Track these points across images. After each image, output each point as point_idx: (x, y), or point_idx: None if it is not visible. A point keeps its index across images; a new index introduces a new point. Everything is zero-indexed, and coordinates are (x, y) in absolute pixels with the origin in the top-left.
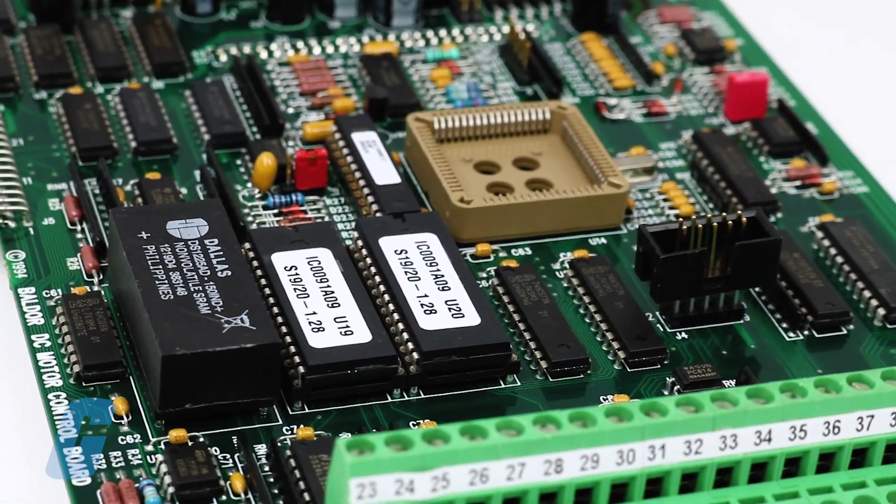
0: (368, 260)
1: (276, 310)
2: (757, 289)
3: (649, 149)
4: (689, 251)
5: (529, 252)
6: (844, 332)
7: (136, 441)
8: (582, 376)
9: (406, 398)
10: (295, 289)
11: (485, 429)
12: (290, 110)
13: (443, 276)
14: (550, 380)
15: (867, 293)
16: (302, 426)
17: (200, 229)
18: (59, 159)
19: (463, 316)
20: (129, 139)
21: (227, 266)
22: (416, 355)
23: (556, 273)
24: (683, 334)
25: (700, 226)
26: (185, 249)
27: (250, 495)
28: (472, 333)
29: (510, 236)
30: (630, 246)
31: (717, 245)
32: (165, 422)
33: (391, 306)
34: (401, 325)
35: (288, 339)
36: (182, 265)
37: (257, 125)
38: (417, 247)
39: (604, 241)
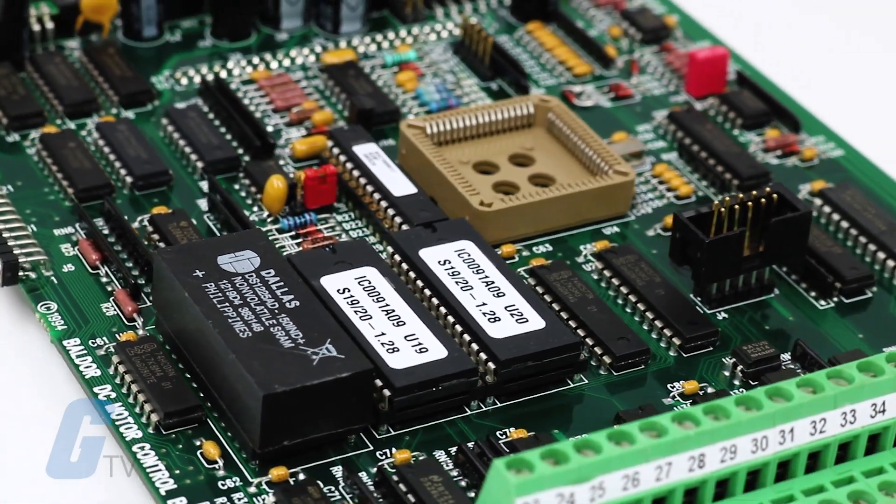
0: (412, 274)
1: None
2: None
3: (620, 131)
4: (731, 233)
5: (550, 248)
6: (869, 295)
7: (238, 484)
8: (643, 367)
9: (483, 408)
10: (356, 311)
11: (630, 433)
12: (269, 129)
13: (493, 282)
14: (614, 374)
15: (881, 254)
16: (394, 449)
17: (252, 261)
18: (56, 202)
19: (527, 320)
20: (121, 174)
21: (292, 296)
22: (492, 365)
23: (583, 267)
24: (723, 314)
25: (736, 206)
26: (245, 283)
27: None
28: (542, 337)
29: (526, 235)
30: (643, 231)
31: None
32: (260, 461)
33: (450, 318)
34: (466, 337)
35: None
36: (248, 300)
37: (245, 147)
38: (458, 255)
39: (616, 229)
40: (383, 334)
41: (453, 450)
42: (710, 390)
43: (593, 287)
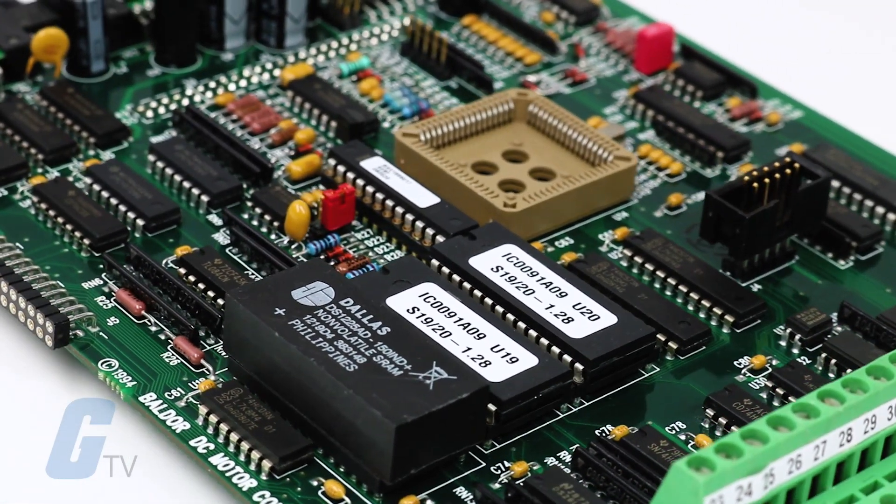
0: (467, 284)
1: None
2: None
3: (592, 116)
4: (767, 206)
5: (572, 241)
6: (880, 249)
7: None
8: (705, 348)
9: (571, 409)
10: (433, 329)
11: (787, 418)
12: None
13: (550, 282)
14: (681, 358)
15: (880, 208)
16: (507, 462)
17: (326, 293)
18: (72, 255)
19: (598, 317)
20: (129, 217)
21: (379, 322)
22: (579, 366)
23: (609, 256)
24: (757, 286)
25: (766, 179)
26: (329, 316)
27: None
28: (619, 332)
29: (545, 232)
30: (650, 213)
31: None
32: (385, 493)
33: (522, 324)
34: (544, 341)
35: None
36: (339, 332)
37: (244, 175)
38: (507, 259)
39: (626, 214)
40: (469, 349)
41: (562, 455)
42: (774, 362)
43: (632, 275)
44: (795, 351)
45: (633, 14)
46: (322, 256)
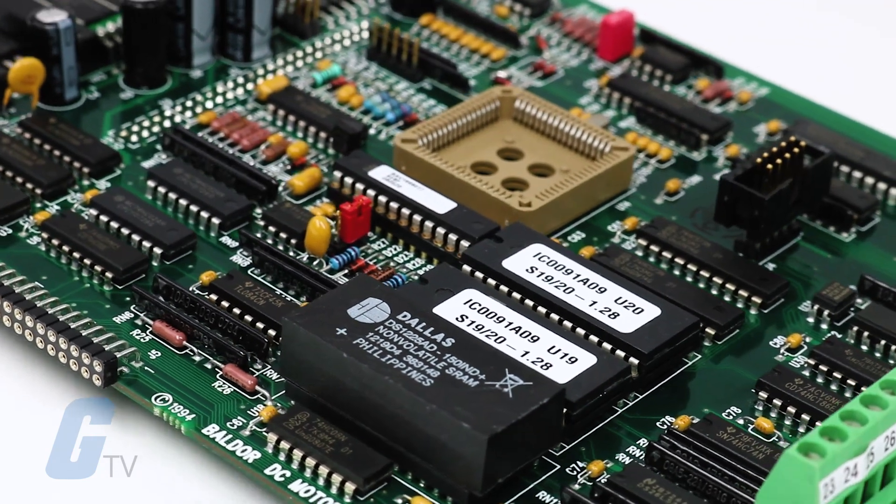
0: (504, 287)
1: None
2: None
3: (571, 108)
4: (783, 186)
5: (584, 235)
6: (878, 220)
7: None
8: (738, 331)
9: (627, 404)
10: (487, 336)
11: (878, 396)
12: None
13: (587, 279)
14: (718, 343)
15: (870, 179)
16: (580, 463)
17: (381, 308)
18: (94, 290)
19: (642, 310)
20: (145, 246)
21: (442, 334)
22: (634, 360)
23: (623, 246)
24: (771, 265)
25: (779, 161)
26: (391, 332)
27: None
28: (666, 323)
29: (556, 228)
30: (651, 201)
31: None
32: None
33: (568, 323)
34: (593, 338)
35: None
36: (406, 348)
37: (249, 194)
38: (539, 259)
39: (628, 203)
40: (527, 353)
41: (631, 450)
42: (808, 339)
43: (654, 264)
44: (824, 326)
45: (583, 2)
46: (346, 271)
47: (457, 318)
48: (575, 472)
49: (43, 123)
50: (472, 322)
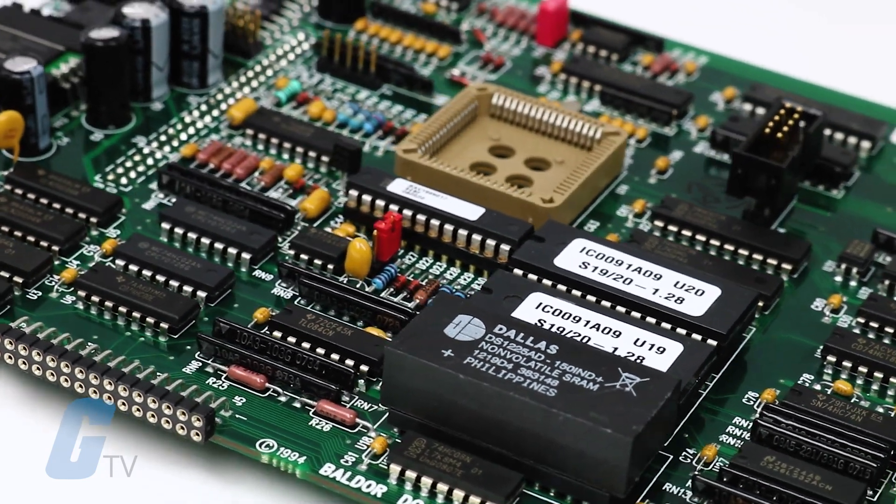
0: (561, 286)
1: None
2: None
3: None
4: (793, 153)
5: (598, 224)
6: (858, 174)
7: None
8: (779, 299)
9: (708, 383)
10: (572, 337)
11: None
12: None
13: (639, 267)
14: (766, 314)
15: (839, 134)
16: (688, 449)
17: (476, 323)
18: (150, 343)
19: (703, 291)
20: (187, 290)
21: (543, 342)
22: (712, 341)
23: (643, 230)
24: (780, 229)
25: (785, 128)
26: (495, 346)
27: None
28: (730, 301)
29: (569, 221)
30: (645, 181)
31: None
32: None
33: (637, 313)
34: (666, 325)
35: None
36: (515, 360)
37: (267, 224)
38: (587, 254)
39: (626, 186)
40: (616, 349)
41: (730, 430)
42: (845, 299)
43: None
44: (853, 284)
45: None
46: (391, 290)
47: (538, 323)
48: (689, 460)
49: (31, 176)
50: (552, 325)
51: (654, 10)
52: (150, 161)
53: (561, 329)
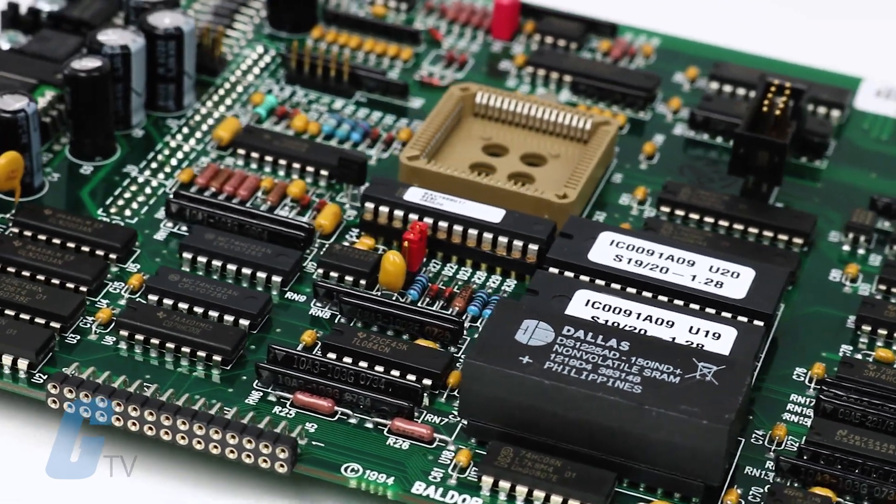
0: (599, 281)
1: None
2: None
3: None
4: (792, 129)
5: (605, 214)
6: (834, 143)
7: None
8: (798, 275)
9: (756, 364)
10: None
11: None
12: None
13: (670, 255)
14: (791, 289)
15: (810, 106)
16: (757, 431)
17: (543, 327)
18: (203, 379)
19: (738, 274)
20: (226, 320)
21: (614, 339)
22: (758, 322)
23: (651, 217)
24: (779, 203)
25: (782, 104)
26: (570, 349)
27: None
28: (767, 281)
29: (578, 214)
30: (637, 168)
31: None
32: (705, 496)
33: (679, 301)
34: (710, 310)
35: None
36: (592, 360)
37: (288, 245)
38: (617, 247)
39: (621, 175)
40: (674, 339)
41: (791, 407)
42: (859, 267)
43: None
44: (861, 251)
45: None
46: (426, 301)
47: (593, 320)
48: (760, 442)
49: (38, 217)
50: (606, 321)
51: None
52: (147, 190)
53: (616, 324)
